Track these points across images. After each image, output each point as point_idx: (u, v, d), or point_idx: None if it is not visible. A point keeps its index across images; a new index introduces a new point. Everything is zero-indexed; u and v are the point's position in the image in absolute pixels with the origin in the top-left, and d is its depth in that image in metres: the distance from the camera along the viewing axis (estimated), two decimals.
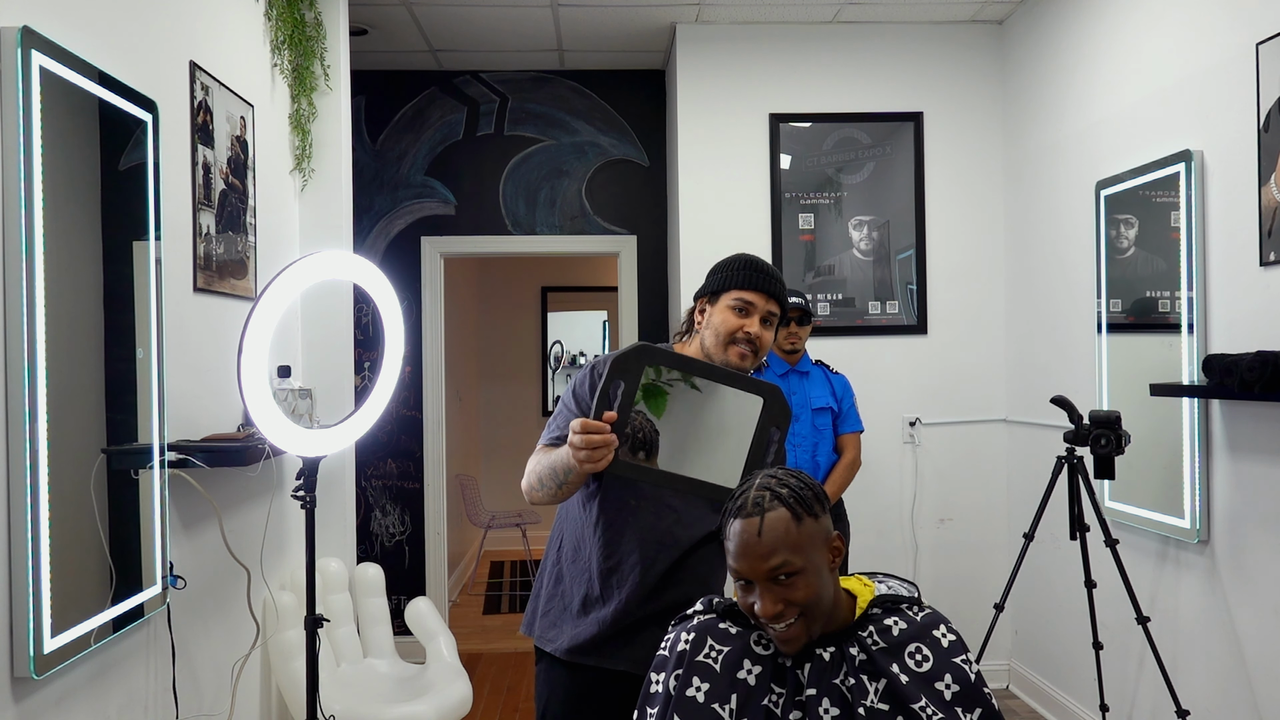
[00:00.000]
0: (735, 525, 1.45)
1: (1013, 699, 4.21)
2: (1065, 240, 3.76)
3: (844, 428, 3.70)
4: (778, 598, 1.41)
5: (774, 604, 1.41)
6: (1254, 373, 2.44)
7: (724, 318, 1.94)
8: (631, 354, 1.74)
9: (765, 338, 1.95)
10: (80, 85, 1.94)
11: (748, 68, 4.31)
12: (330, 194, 3.55)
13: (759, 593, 1.43)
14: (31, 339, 1.76)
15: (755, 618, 1.44)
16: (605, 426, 1.70)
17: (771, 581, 1.41)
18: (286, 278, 2.13)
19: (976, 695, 1.46)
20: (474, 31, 4.36)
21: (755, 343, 1.93)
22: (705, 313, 1.99)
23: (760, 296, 1.94)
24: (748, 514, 1.44)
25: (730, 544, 1.45)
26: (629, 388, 1.73)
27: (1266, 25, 2.63)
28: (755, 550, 1.42)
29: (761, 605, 1.41)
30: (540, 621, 2.05)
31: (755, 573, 1.42)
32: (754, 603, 1.43)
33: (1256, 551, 2.73)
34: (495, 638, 5.27)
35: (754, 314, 1.94)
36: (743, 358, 1.93)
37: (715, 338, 1.94)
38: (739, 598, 1.46)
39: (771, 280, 1.97)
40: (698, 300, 2.03)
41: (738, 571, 1.44)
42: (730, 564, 1.45)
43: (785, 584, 1.41)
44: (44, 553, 1.78)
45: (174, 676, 2.34)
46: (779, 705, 1.44)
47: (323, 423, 2.71)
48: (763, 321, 1.95)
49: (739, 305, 1.94)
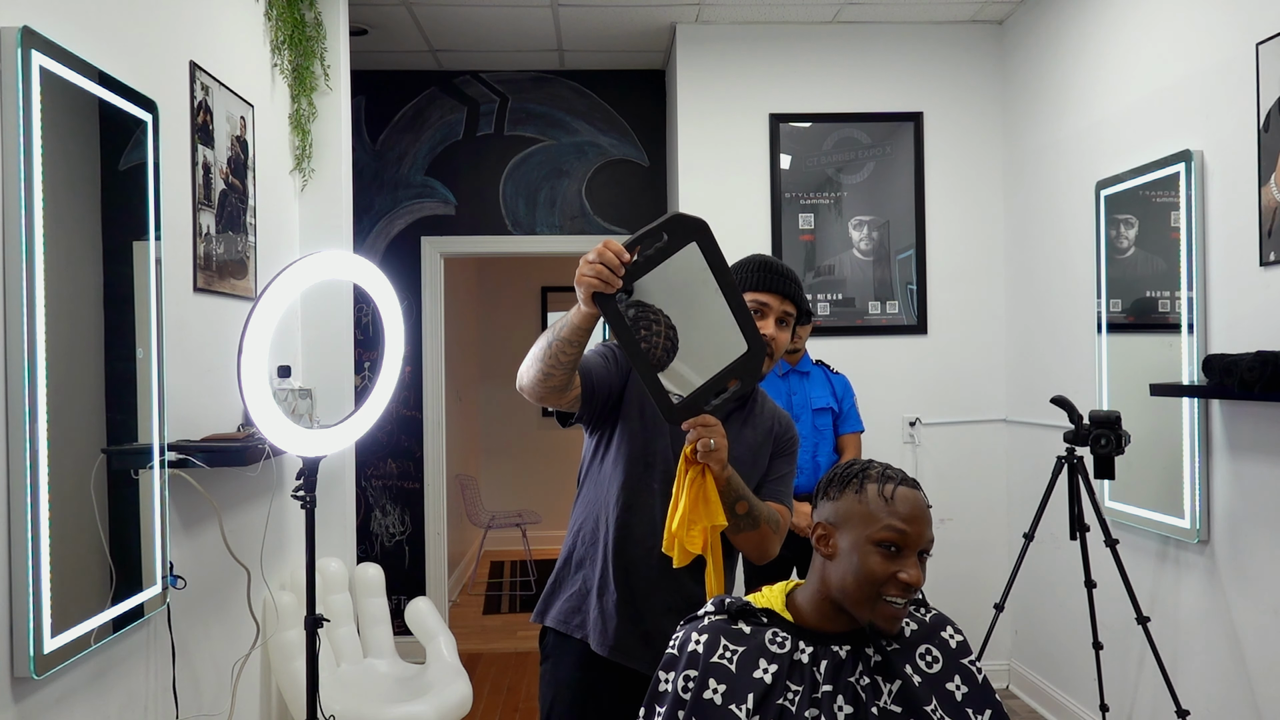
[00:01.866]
0: (902, 490, 1.46)
1: (1013, 699, 4.21)
2: (1065, 240, 3.76)
3: (844, 428, 3.70)
4: (920, 571, 1.45)
5: (920, 574, 1.44)
6: (1254, 373, 2.44)
7: None
8: (692, 223, 1.68)
9: (781, 339, 1.95)
10: (80, 85, 1.94)
11: (748, 68, 4.31)
12: (330, 194, 3.55)
13: (912, 560, 1.44)
14: (31, 339, 1.76)
15: (884, 589, 1.43)
16: (625, 254, 1.64)
17: (921, 555, 1.45)
18: (286, 278, 2.13)
19: (986, 697, 1.47)
20: (474, 31, 4.36)
21: (770, 345, 1.92)
22: None
23: (775, 298, 1.93)
24: (912, 486, 1.48)
25: (899, 507, 1.44)
26: (666, 247, 1.67)
27: (1266, 25, 2.63)
28: (926, 518, 1.45)
29: (914, 573, 1.43)
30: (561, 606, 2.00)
31: (920, 539, 1.44)
32: (899, 571, 1.43)
33: (1256, 551, 2.73)
34: (495, 638, 5.27)
35: (769, 315, 1.93)
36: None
37: None
38: (876, 564, 1.43)
39: (785, 281, 1.96)
40: None
41: (903, 533, 1.43)
42: (893, 525, 1.43)
43: (923, 561, 1.46)
44: (44, 553, 1.78)
45: (174, 676, 2.34)
46: (794, 703, 1.44)
47: (323, 423, 2.71)
48: (778, 323, 1.94)
49: (754, 307, 1.93)
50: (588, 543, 1.99)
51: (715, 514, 1.81)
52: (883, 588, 1.43)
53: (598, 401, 1.92)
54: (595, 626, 1.93)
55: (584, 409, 1.92)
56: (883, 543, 1.44)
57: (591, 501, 2.01)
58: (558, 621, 1.99)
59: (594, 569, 1.96)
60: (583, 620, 1.96)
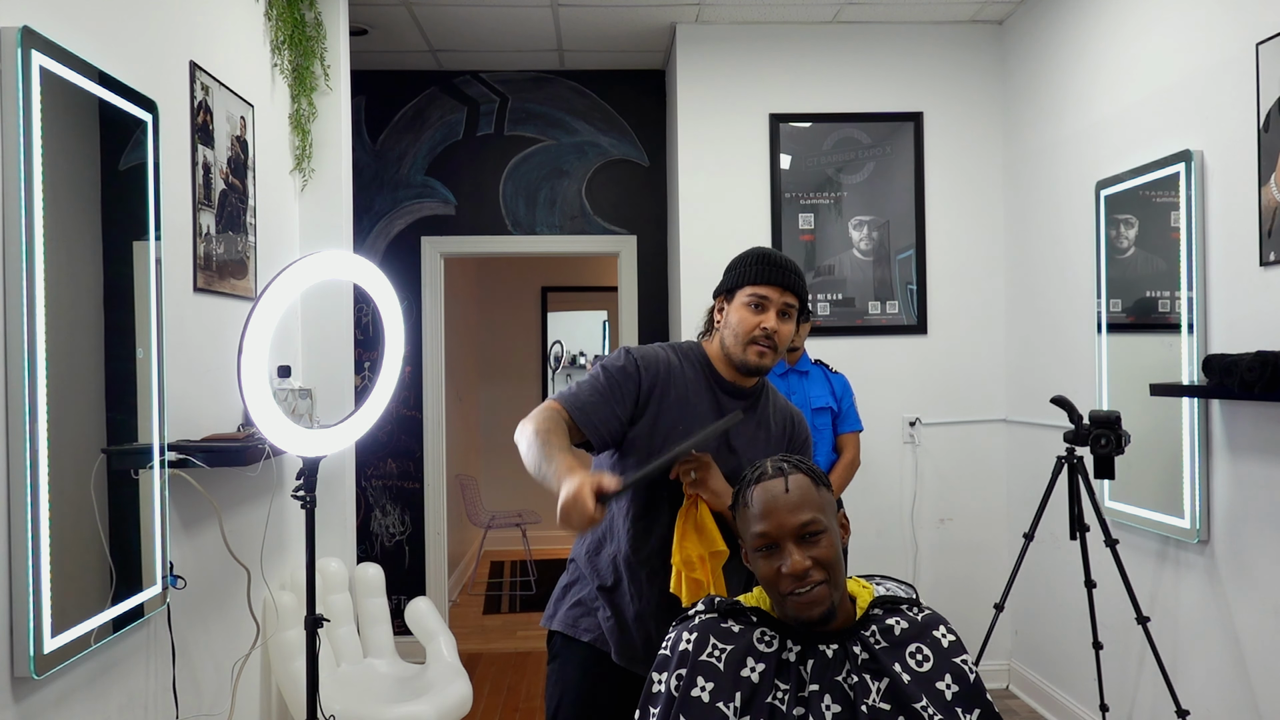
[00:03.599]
0: (757, 490, 1.47)
1: (1013, 699, 4.21)
2: (1065, 240, 3.76)
3: (843, 427, 3.70)
4: (805, 554, 1.43)
5: (803, 559, 1.43)
6: (1254, 373, 2.44)
7: (740, 316, 1.92)
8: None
9: (784, 331, 1.94)
10: (80, 85, 1.94)
11: (748, 68, 4.31)
12: (330, 194, 3.54)
13: (788, 550, 1.44)
14: (31, 339, 1.76)
15: (779, 587, 1.44)
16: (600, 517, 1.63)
17: (798, 540, 1.44)
18: (286, 278, 2.13)
19: (977, 696, 1.47)
20: (474, 31, 4.36)
21: (773, 338, 1.91)
22: (724, 311, 1.98)
23: (775, 290, 1.92)
24: (771, 477, 1.48)
25: (754, 508, 1.46)
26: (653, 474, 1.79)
27: (1266, 25, 2.63)
28: (784, 505, 1.45)
29: (791, 561, 1.43)
30: (569, 611, 2.02)
31: (784, 528, 1.44)
32: (780, 565, 1.44)
33: (1256, 551, 2.73)
34: (495, 638, 5.27)
35: (770, 308, 1.92)
36: (761, 355, 1.91)
37: (734, 338, 1.93)
38: (763, 568, 1.46)
39: (785, 272, 1.94)
40: (716, 298, 2.02)
41: (764, 534, 1.45)
42: (755, 530, 1.45)
43: (811, 542, 1.45)
44: (44, 553, 1.78)
45: (174, 676, 2.34)
46: (783, 701, 1.44)
47: (323, 423, 2.71)
48: (781, 315, 1.93)
49: (754, 301, 1.92)
50: (596, 550, 2.01)
51: (711, 541, 1.85)
52: (778, 586, 1.45)
53: (603, 437, 1.93)
54: (612, 634, 1.95)
55: (591, 447, 1.96)
56: (757, 549, 1.47)
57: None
58: (565, 625, 2.01)
59: (606, 576, 1.97)
60: (590, 625, 1.98)
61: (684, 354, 2.01)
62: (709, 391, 1.98)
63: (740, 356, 1.92)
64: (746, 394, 2.01)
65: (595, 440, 1.91)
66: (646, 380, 1.93)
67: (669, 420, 1.93)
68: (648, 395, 1.93)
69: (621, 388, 1.92)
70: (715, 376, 1.99)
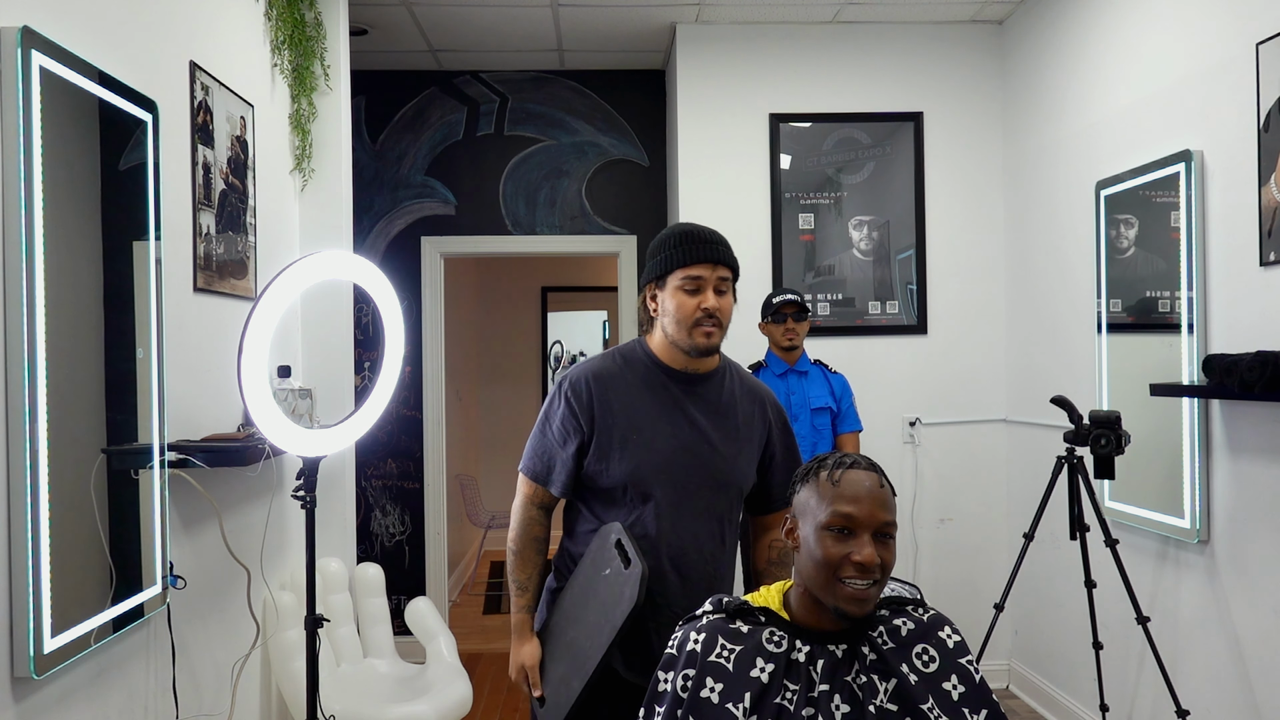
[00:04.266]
0: (850, 474, 1.47)
1: (1013, 699, 4.20)
2: (1065, 240, 3.76)
3: (843, 428, 3.70)
4: (877, 553, 1.44)
5: (875, 554, 1.43)
6: (1254, 373, 2.44)
7: (678, 301, 1.89)
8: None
9: (725, 305, 1.90)
10: (80, 85, 1.94)
11: (748, 68, 4.31)
12: (330, 194, 3.54)
13: (865, 540, 1.44)
14: (31, 339, 1.76)
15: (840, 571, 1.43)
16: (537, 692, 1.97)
17: (877, 535, 1.45)
18: (286, 278, 2.13)
19: (983, 696, 1.47)
20: (474, 31, 4.36)
21: (716, 315, 1.88)
22: (657, 299, 1.94)
23: (706, 268, 1.88)
24: (864, 468, 1.48)
25: (844, 489, 1.45)
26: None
27: (1266, 25, 2.63)
28: (878, 499, 1.46)
29: (867, 552, 1.43)
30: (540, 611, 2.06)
31: (872, 520, 1.44)
32: (852, 552, 1.43)
33: (1256, 551, 2.73)
34: (495, 638, 5.27)
35: (706, 287, 1.88)
36: (709, 336, 1.88)
37: (676, 324, 1.90)
38: (829, 547, 1.44)
39: (711, 247, 1.89)
40: (645, 287, 1.97)
41: (850, 515, 1.44)
42: (840, 509, 1.44)
43: (884, 543, 1.45)
44: (44, 553, 1.78)
45: (174, 676, 2.34)
46: (792, 702, 1.44)
47: (323, 423, 2.71)
48: (717, 292, 1.88)
49: (688, 284, 1.88)
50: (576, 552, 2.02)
51: None
52: (839, 570, 1.44)
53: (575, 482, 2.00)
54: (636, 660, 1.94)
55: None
56: (832, 527, 1.45)
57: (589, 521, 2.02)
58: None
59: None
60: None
61: (625, 356, 1.99)
62: (660, 386, 1.95)
63: (688, 342, 1.89)
64: (701, 378, 1.97)
65: (567, 494, 2.00)
66: (583, 410, 1.93)
67: (622, 429, 1.92)
68: (590, 419, 1.93)
69: (565, 429, 1.95)
70: (664, 369, 1.96)
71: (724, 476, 1.96)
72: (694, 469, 1.93)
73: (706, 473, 1.94)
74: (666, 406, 1.94)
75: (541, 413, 2.01)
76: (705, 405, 1.97)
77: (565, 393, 1.95)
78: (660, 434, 1.92)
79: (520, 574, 2.04)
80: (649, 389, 1.95)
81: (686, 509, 1.93)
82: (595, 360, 2.01)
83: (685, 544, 1.93)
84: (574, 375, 1.97)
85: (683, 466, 1.92)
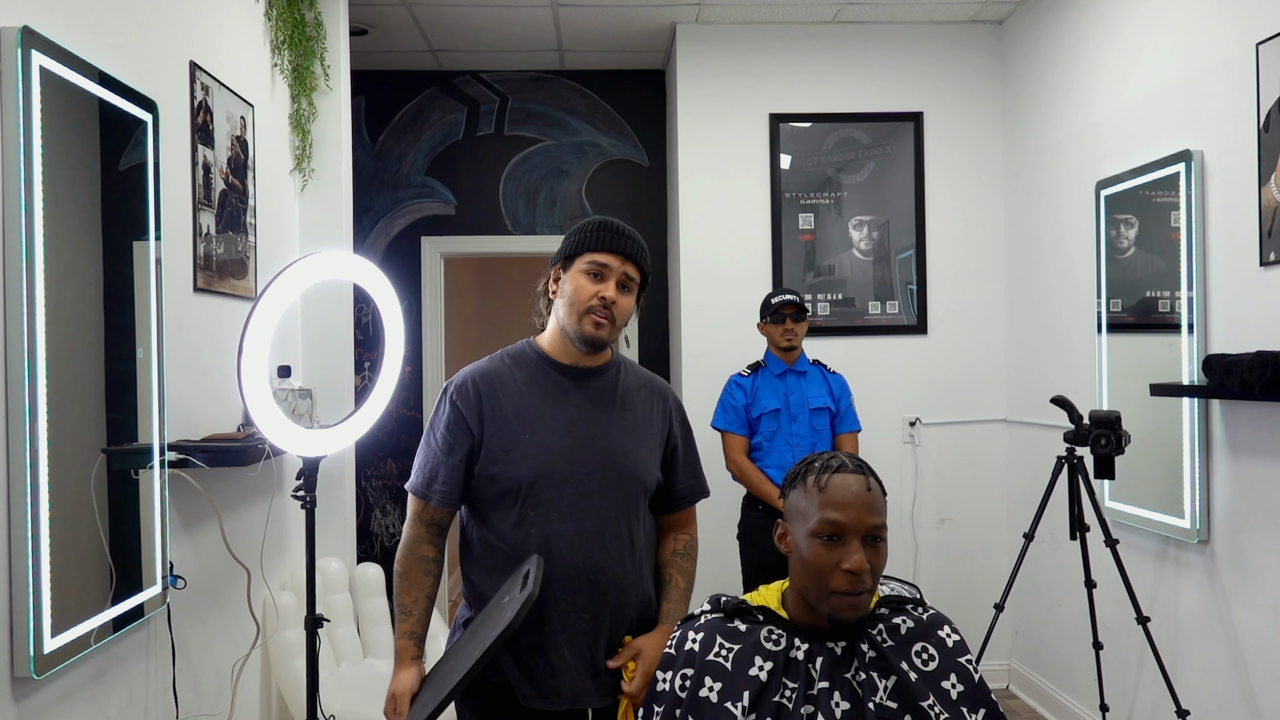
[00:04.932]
0: (837, 478, 1.44)
1: (1013, 699, 4.20)
2: (1065, 240, 3.76)
3: (841, 428, 3.70)
4: (867, 558, 1.42)
5: (865, 561, 1.41)
6: (1254, 373, 2.44)
7: (577, 284, 1.81)
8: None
9: (623, 303, 1.81)
10: (80, 85, 1.94)
11: (748, 68, 4.31)
12: (330, 194, 3.54)
13: (854, 547, 1.42)
14: (31, 339, 1.76)
15: (829, 581, 1.42)
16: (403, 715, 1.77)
17: (866, 540, 1.43)
18: (286, 278, 2.13)
19: (982, 696, 1.47)
20: (474, 31, 4.36)
21: (611, 309, 1.79)
22: (559, 281, 1.86)
23: (615, 258, 1.80)
24: (851, 470, 1.46)
25: (831, 495, 1.43)
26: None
27: (1266, 25, 2.63)
28: (864, 502, 1.43)
29: (856, 559, 1.41)
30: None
31: (861, 525, 1.42)
32: (842, 559, 1.42)
33: (1256, 551, 2.73)
34: None
35: (609, 278, 1.80)
36: (598, 326, 1.80)
37: (568, 308, 1.81)
38: (820, 555, 1.43)
39: (627, 240, 1.82)
40: (552, 268, 1.89)
41: (838, 523, 1.42)
42: (827, 516, 1.42)
43: (874, 547, 1.43)
44: (44, 553, 1.78)
45: (174, 676, 2.34)
46: (791, 700, 1.44)
47: (323, 423, 2.71)
48: (620, 287, 1.81)
49: (593, 269, 1.80)
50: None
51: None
52: (829, 578, 1.43)
53: (464, 491, 1.89)
54: (544, 680, 1.80)
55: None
56: (820, 534, 1.43)
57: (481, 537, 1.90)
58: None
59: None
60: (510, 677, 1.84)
61: (513, 357, 1.92)
62: (548, 383, 1.87)
63: (575, 328, 1.81)
64: (592, 373, 1.89)
65: (463, 499, 1.89)
66: (470, 412, 1.85)
67: (511, 430, 1.83)
68: (479, 422, 1.84)
69: (451, 435, 1.85)
70: (553, 365, 1.88)
71: (625, 471, 1.85)
72: (593, 465, 1.83)
73: (606, 469, 1.83)
74: (558, 403, 1.85)
75: (427, 425, 1.92)
76: (598, 399, 1.88)
77: (451, 397, 1.87)
78: (554, 431, 1.83)
79: (405, 597, 1.84)
80: (539, 387, 1.87)
81: (589, 508, 1.81)
82: (481, 362, 1.93)
83: (590, 546, 1.80)
84: (459, 379, 1.89)
85: (580, 463, 1.82)
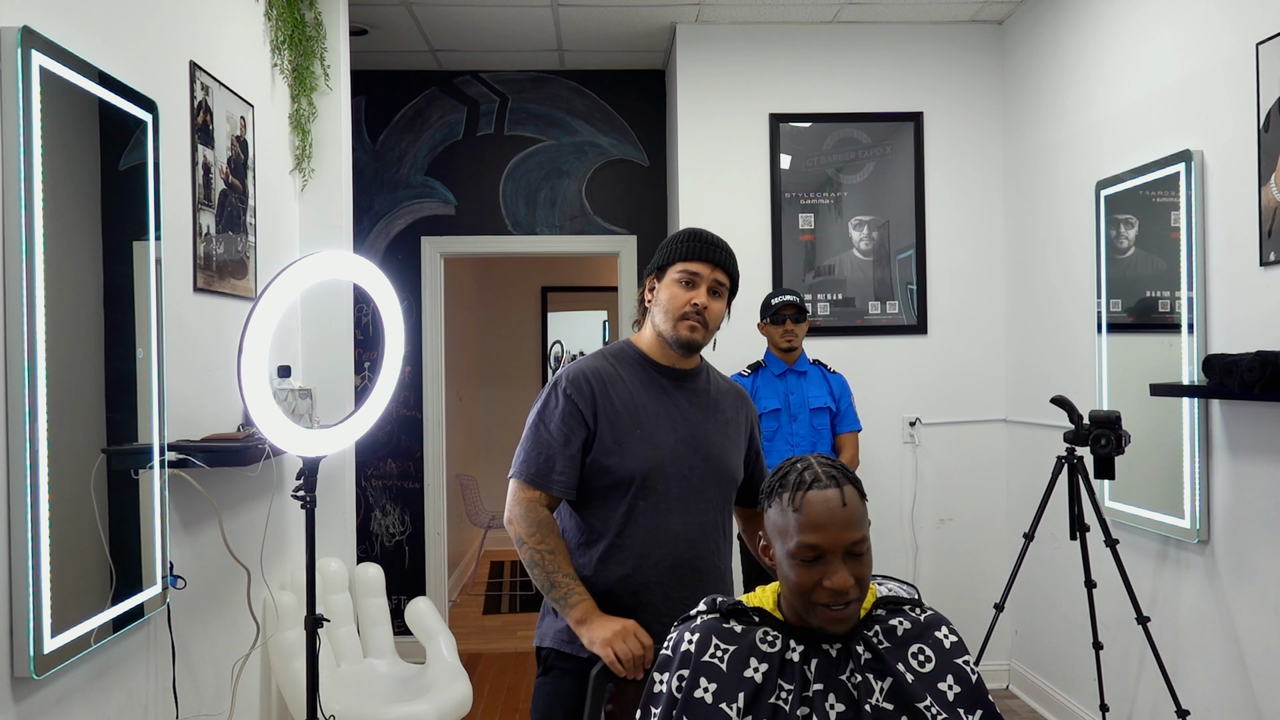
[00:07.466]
0: (812, 497, 1.41)
1: (1013, 699, 4.20)
2: (1065, 240, 3.76)
3: (842, 427, 3.70)
4: (850, 572, 1.39)
5: (848, 577, 1.39)
6: (1254, 373, 2.44)
7: (671, 293, 1.95)
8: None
9: (714, 308, 1.96)
10: (80, 85, 1.94)
11: (748, 68, 4.31)
12: (330, 194, 3.55)
13: (835, 565, 1.39)
14: (31, 339, 1.76)
15: (813, 597, 1.41)
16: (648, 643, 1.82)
17: (847, 555, 1.40)
18: (286, 278, 2.13)
19: (979, 697, 1.46)
20: (474, 31, 4.36)
21: (704, 314, 1.93)
22: (654, 290, 2.00)
23: (705, 266, 1.94)
24: (824, 485, 1.42)
25: (806, 516, 1.41)
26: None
27: (1266, 25, 2.63)
28: (839, 520, 1.40)
29: (838, 578, 1.39)
30: (564, 627, 1.96)
31: (838, 544, 1.39)
32: (823, 578, 1.39)
33: (1256, 551, 2.73)
34: (495, 638, 5.27)
35: (700, 285, 1.94)
36: (693, 330, 1.93)
37: (664, 314, 1.95)
38: (800, 576, 1.41)
39: (715, 249, 1.97)
40: (646, 279, 2.04)
41: (815, 545, 1.40)
42: (804, 540, 1.40)
43: (856, 559, 1.41)
44: (44, 553, 1.78)
45: (174, 676, 2.34)
46: (787, 702, 1.44)
47: (323, 423, 2.71)
48: (711, 293, 1.95)
49: (684, 278, 1.94)
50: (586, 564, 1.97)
51: None
52: (813, 596, 1.41)
53: (577, 484, 1.96)
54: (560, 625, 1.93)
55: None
56: (799, 557, 1.41)
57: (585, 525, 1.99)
58: (560, 642, 1.96)
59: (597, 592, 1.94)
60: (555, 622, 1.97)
61: (616, 356, 2.03)
62: (651, 382, 1.99)
63: (672, 333, 1.94)
64: (688, 374, 2.03)
65: (574, 487, 1.95)
66: (586, 405, 1.93)
67: (624, 425, 1.94)
68: (593, 416, 1.94)
69: (567, 427, 1.93)
70: (652, 365, 2.01)
71: (722, 468, 2.00)
72: (695, 462, 1.97)
73: (707, 465, 1.98)
74: (662, 401, 1.98)
75: (534, 415, 1.98)
76: (695, 400, 2.02)
77: (565, 390, 1.95)
78: (661, 428, 1.96)
79: (566, 566, 1.90)
80: (644, 385, 1.99)
81: (693, 502, 1.96)
82: (587, 359, 2.04)
83: (693, 536, 1.96)
84: (571, 372, 1.99)
85: (684, 459, 1.95)
